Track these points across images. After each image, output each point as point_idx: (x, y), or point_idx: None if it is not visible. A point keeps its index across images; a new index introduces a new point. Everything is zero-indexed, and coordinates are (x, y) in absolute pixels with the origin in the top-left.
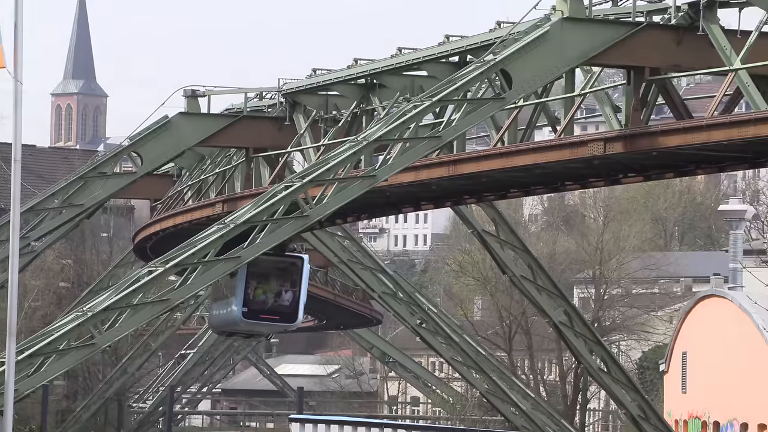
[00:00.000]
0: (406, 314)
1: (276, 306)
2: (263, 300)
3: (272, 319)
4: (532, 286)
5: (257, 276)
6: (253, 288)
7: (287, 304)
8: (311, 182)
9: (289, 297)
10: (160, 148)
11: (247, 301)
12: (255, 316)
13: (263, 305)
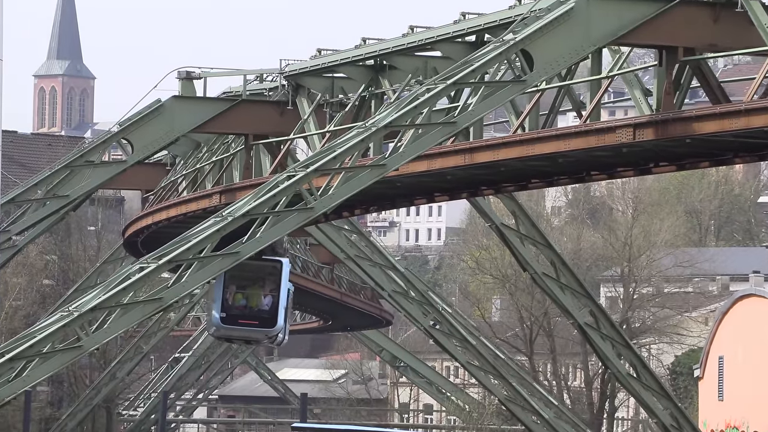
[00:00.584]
0: (418, 315)
1: (255, 311)
2: (243, 305)
3: (251, 324)
4: (555, 285)
5: (235, 280)
6: (231, 293)
7: (267, 308)
8: (316, 172)
9: (269, 302)
10: (152, 134)
11: (225, 306)
12: (233, 322)
13: (242, 310)
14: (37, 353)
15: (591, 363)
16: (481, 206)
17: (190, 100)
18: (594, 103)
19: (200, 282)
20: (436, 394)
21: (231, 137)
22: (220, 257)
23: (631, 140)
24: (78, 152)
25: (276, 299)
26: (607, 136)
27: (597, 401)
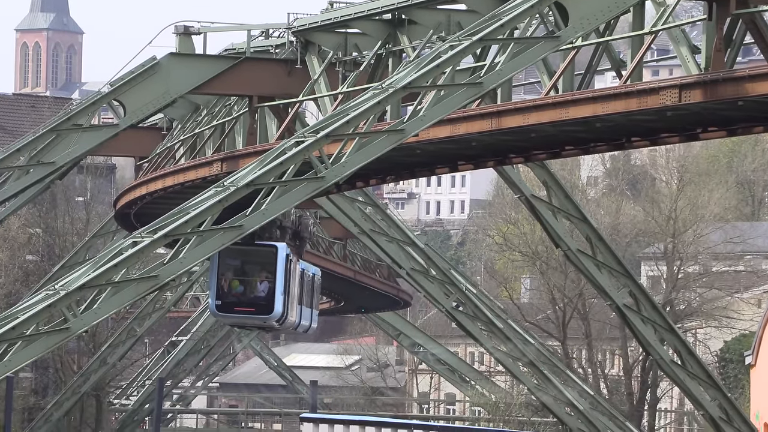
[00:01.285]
0: (439, 295)
1: (251, 298)
2: (239, 292)
3: (247, 311)
4: (590, 262)
5: (230, 267)
6: (227, 280)
7: (263, 295)
8: (327, 137)
9: (265, 288)
10: (147, 95)
11: (221, 293)
12: (229, 309)
13: (238, 297)
14: (20, 336)
15: (630, 349)
16: (510, 176)
17: (188, 57)
18: (635, 61)
19: (199, 258)
20: (459, 383)
21: (233, 99)
22: (222, 231)
23: (677, 103)
24: (65, 115)
25: (272, 285)
26: (649, 98)
27: (637, 391)
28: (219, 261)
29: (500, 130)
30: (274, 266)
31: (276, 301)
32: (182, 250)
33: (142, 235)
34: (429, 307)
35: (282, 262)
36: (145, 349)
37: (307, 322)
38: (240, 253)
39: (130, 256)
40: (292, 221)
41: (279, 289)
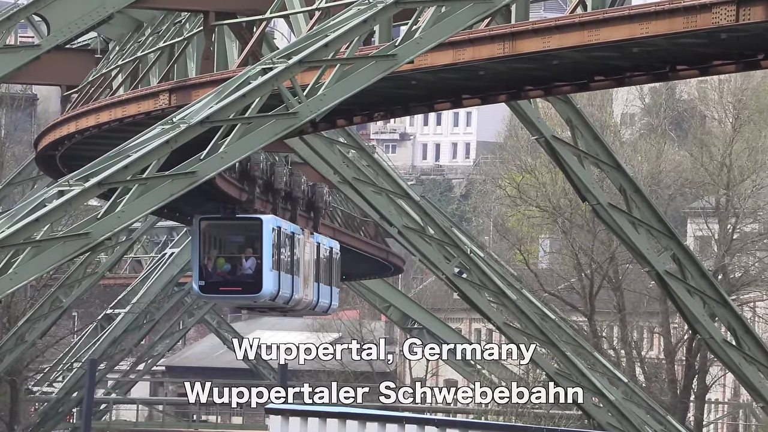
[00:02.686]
0: (438, 259)
1: (237, 276)
2: (225, 270)
3: (233, 291)
4: (625, 220)
5: (212, 244)
6: (210, 258)
7: (250, 272)
8: (301, 64)
9: (251, 264)
10: (77, 9)
11: (204, 273)
12: (214, 290)
13: (223, 276)
14: None
15: (673, 326)
16: (526, 113)
17: None
18: None
19: (141, 212)
20: (462, 367)
21: (184, 15)
22: (170, 179)
23: (733, 22)
24: None
25: (259, 261)
26: (699, 16)
27: (681, 378)
28: (200, 237)
29: (515, 56)
30: (260, 240)
31: (264, 278)
32: (120, 202)
33: (70, 182)
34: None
35: (268, 235)
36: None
37: (326, 302)
38: (222, 228)
39: (56, 209)
40: (303, 191)
41: (267, 265)
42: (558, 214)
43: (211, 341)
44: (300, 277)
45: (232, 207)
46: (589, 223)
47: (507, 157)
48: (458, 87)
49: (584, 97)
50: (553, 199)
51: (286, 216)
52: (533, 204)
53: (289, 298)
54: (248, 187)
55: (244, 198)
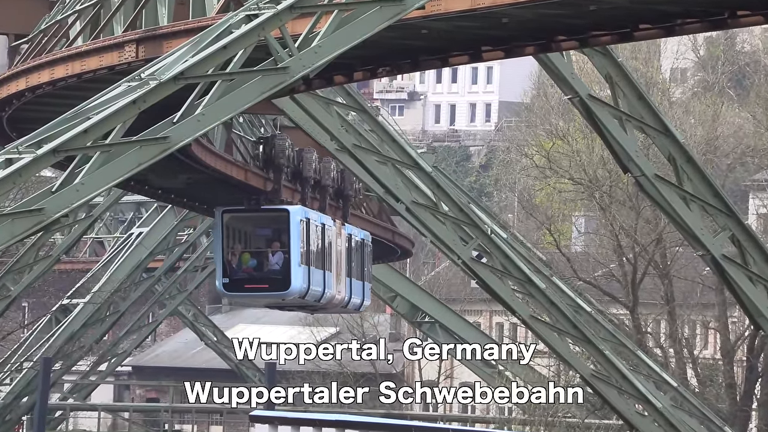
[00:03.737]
0: (453, 241)
1: (263, 273)
2: (250, 266)
3: (260, 289)
4: (674, 194)
5: (236, 238)
6: (235, 253)
7: (277, 268)
8: (291, 10)
9: (279, 260)
10: None
11: (228, 269)
12: (239, 288)
13: (248, 273)
14: None
15: (732, 320)
16: (557, 68)
17: None
18: None
19: (104, 185)
20: (482, 368)
21: None
22: (138, 146)
23: None
24: None
25: (287, 256)
26: None
27: (741, 382)
28: (223, 231)
29: (544, 1)
30: (288, 233)
31: (293, 274)
32: (79, 172)
33: (19, 149)
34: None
35: (296, 227)
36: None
37: (358, 299)
38: (246, 221)
39: (2, 181)
40: (333, 177)
41: (295, 260)
42: (595, 187)
43: (185, 337)
44: (332, 273)
45: (257, 198)
46: (631, 199)
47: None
48: (477, 37)
49: (627, 50)
50: (590, 169)
51: (315, 206)
52: (566, 176)
53: (320, 295)
54: (273, 175)
55: (270, 188)
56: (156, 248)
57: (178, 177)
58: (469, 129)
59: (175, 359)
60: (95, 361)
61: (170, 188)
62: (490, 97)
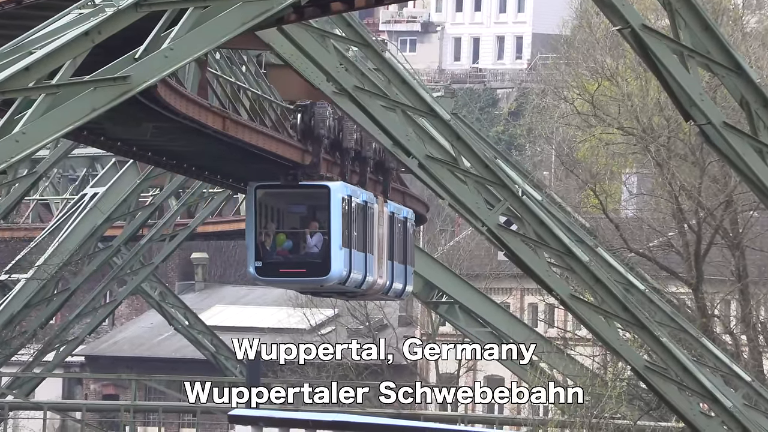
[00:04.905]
0: (477, 204)
1: (300, 256)
2: (286, 249)
3: (296, 273)
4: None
5: (271, 217)
6: (269, 234)
7: (315, 251)
8: None
9: (317, 241)
10: None
11: (261, 252)
12: (274, 272)
13: (284, 256)
14: None
15: None
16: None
17: None
18: None
19: (50, 135)
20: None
21: None
22: (92, 87)
23: None
24: None
25: (327, 237)
26: None
27: None
28: (256, 209)
29: None
30: (328, 212)
31: (333, 257)
32: (20, 119)
33: None
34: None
35: (337, 205)
36: None
37: (400, 285)
38: (283, 198)
39: None
40: (374, 149)
41: (336, 242)
42: (650, 138)
43: (150, 320)
44: (374, 256)
45: (294, 173)
46: (695, 152)
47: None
48: None
49: None
50: (643, 117)
51: (354, 180)
52: (614, 124)
53: (361, 281)
54: (312, 147)
55: (308, 161)
56: (114, 212)
57: (142, 126)
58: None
59: (137, 347)
60: (40, 349)
61: (132, 140)
62: (522, 29)
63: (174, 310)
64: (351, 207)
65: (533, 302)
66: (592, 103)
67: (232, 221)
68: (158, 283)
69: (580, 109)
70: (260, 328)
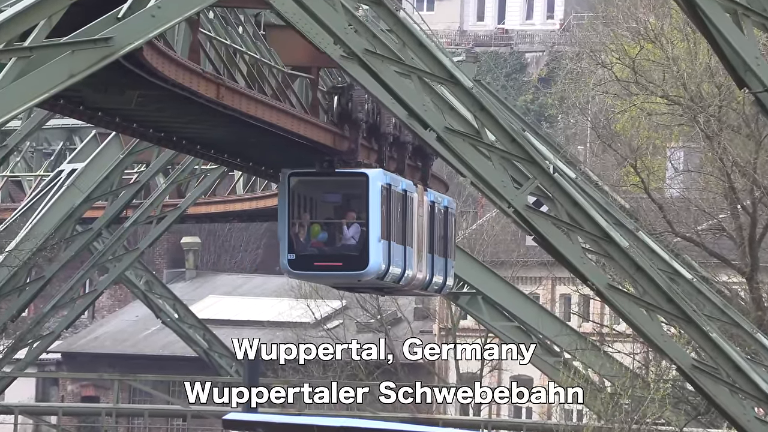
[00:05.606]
0: (502, 183)
1: (337, 248)
2: (321, 240)
3: (332, 267)
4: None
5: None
6: (303, 225)
7: (353, 243)
8: None
9: (355, 232)
10: None
11: (295, 243)
12: (308, 266)
13: (319, 248)
14: None
15: None
16: None
17: None
18: None
19: (23, 104)
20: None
21: None
22: (69, 50)
23: None
24: None
25: (365, 229)
26: None
27: None
28: (289, 198)
29: None
30: (366, 201)
31: (371, 250)
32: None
33: None
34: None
35: (376, 194)
36: None
37: (440, 279)
38: (318, 187)
39: None
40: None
41: (375, 234)
42: (698, 108)
43: (135, 313)
44: (413, 249)
45: (330, 159)
46: (749, 124)
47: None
48: None
49: None
50: (691, 84)
51: (392, 168)
52: (658, 92)
53: (400, 275)
54: (350, 133)
55: (345, 147)
56: (95, 191)
57: (125, 94)
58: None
59: (120, 343)
60: (10, 345)
61: (114, 109)
62: None
63: (162, 302)
64: (390, 196)
65: (566, 293)
66: (633, 68)
67: (227, 201)
68: (144, 271)
69: (620, 75)
70: (259, 321)
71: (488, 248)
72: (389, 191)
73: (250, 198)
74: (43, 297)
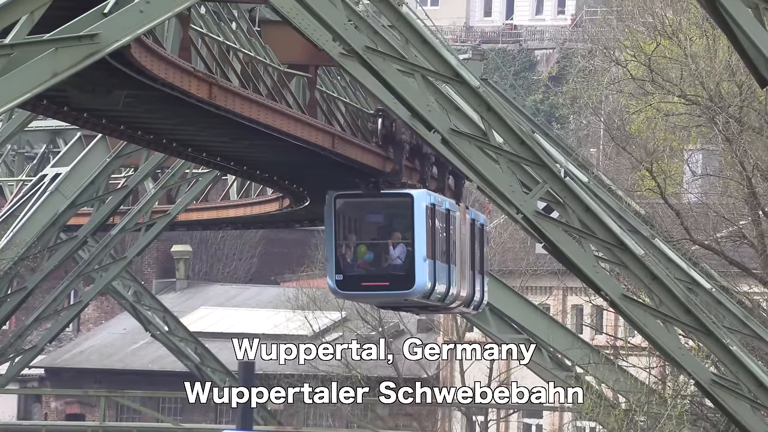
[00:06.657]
0: (510, 187)
1: (383, 268)
2: (367, 261)
3: (379, 287)
4: None
5: (351, 227)
6: (349, 246)
7: (399, 263)
8: None
9: (401, 252)
10: None
11: (342, 264)
12: (355, 286)
13: (365, 268)
14: None
15: None
16: None
17: None
18: None
19: (5, 105)
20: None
21: None
22: (53, 48)
23: None
24: None
25: (410, 249)
26: None
27: None
28: (335, 220)
29: None
30: (411, 221)
31: (417, 269)
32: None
33: None
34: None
35: (421, 214)
36: None
37: (478, 296)
38: (364, 208)
39: None
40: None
41: (420, 253)
42: (718, 108)
43: (123, 325)
44: (456, 267)
45: (375, 180)
46: None
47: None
48: None
49: None
50: (710, 82)
51: (433, 187)
52: (675, 92)
53: (445, 294)
54: (394, 154)
55: (389, 168)
56: (80, 197)
57: (112, 94)
58: (534, 24)
59: (107, 358)
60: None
61: (100, 110)
62: None
63: (151, 314)
64: (434, 215)
65: (577, 304)
66: (649, 66)
67: (220, 207)
68: (132, 282)
69: (635, 73)
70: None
71: (496, 256)
72: (433, 211)
73: (245, 204)
74: (26, 309)
